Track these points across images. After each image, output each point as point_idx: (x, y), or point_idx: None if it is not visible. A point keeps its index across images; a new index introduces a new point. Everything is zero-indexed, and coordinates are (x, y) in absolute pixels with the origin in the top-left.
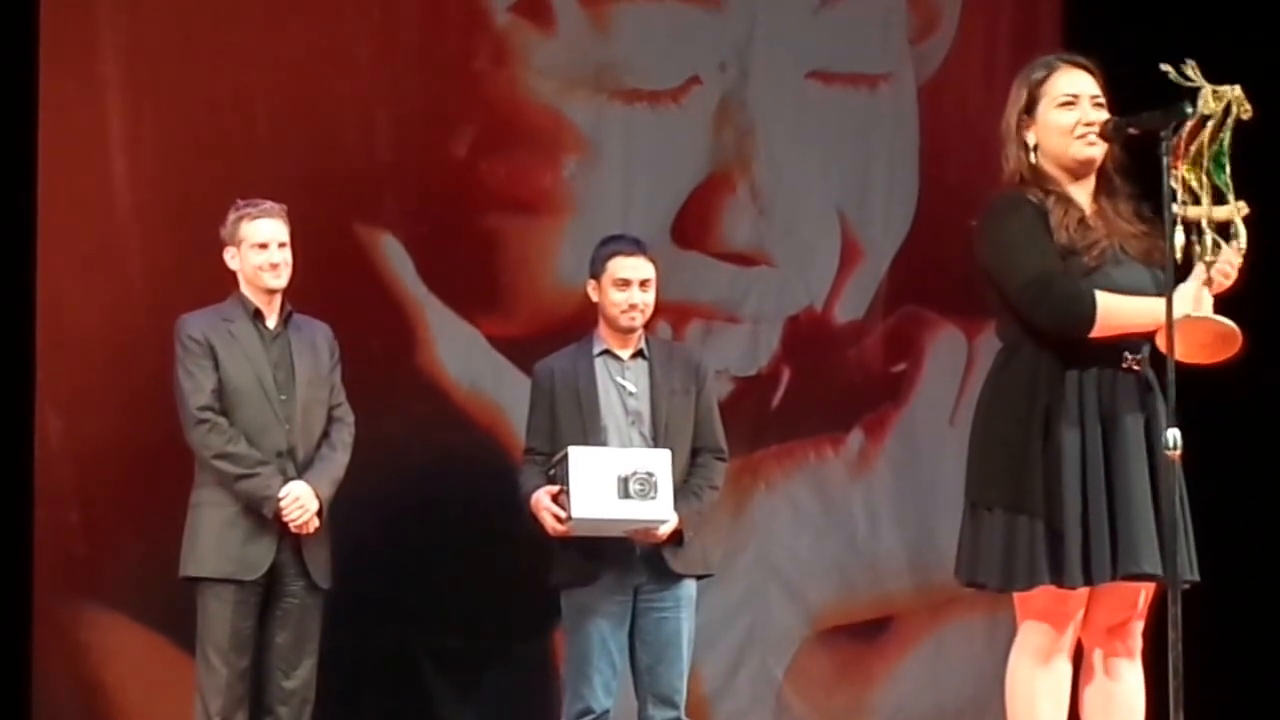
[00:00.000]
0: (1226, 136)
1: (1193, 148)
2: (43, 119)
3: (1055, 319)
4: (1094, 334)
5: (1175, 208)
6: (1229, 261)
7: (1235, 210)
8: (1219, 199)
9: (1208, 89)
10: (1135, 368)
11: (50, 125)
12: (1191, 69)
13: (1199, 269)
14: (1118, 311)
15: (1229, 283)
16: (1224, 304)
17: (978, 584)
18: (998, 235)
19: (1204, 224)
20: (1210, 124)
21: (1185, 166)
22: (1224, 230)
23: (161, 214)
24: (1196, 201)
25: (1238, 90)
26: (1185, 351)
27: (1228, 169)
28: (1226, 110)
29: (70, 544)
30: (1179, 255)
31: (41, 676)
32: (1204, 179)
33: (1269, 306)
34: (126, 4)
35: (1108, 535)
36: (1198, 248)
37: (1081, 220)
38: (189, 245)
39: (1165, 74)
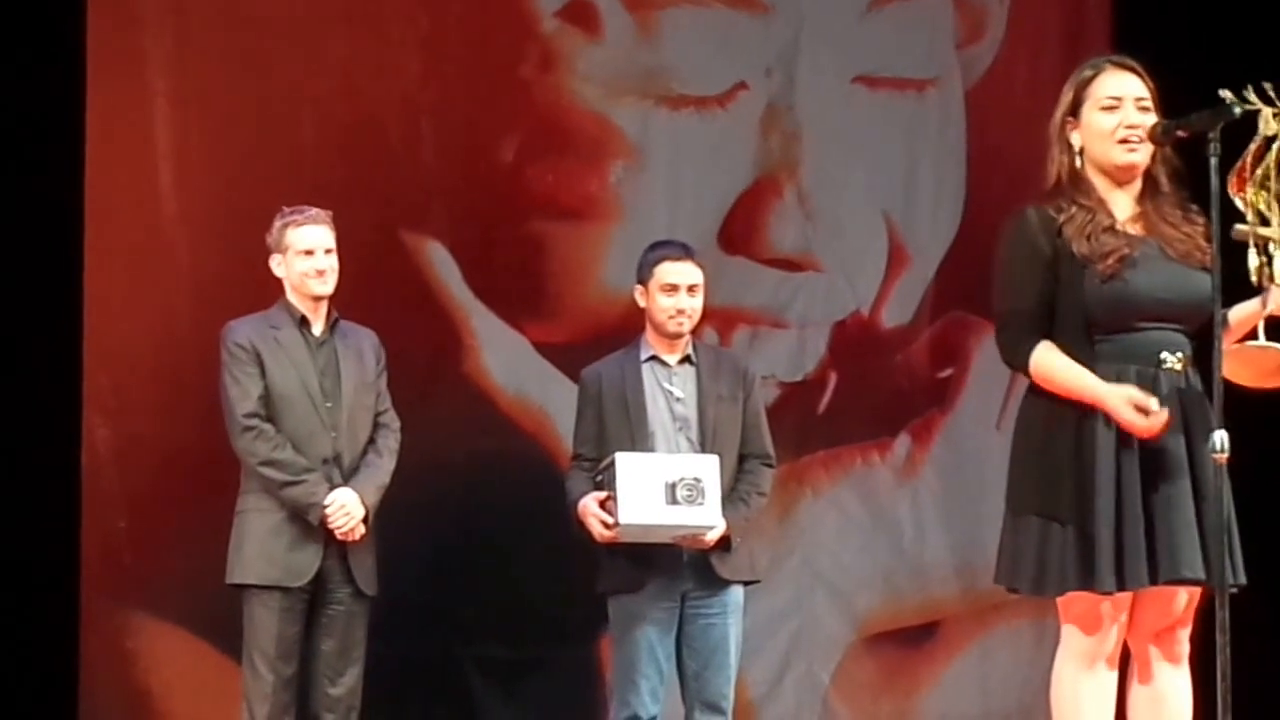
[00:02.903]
0: None
1: (1259, 170)
2: (90, 128)
3: (1004, 358)
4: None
5: (1242, 227)
6: None
7: None
8: None
9: (1268, 111)
10: (1176, 368)
11: (97, 134)
12: (1251, 93)
13: (1271, 293)
14: (1050, 374)
15: None
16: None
17: (1014, 589)
18: (999, 255)
19: (1271, 246)
20: (1276, 146)
21: (1252, 189)
22: None
23: (208, 222)
24: (1264, 223)
25: None
26: (1244, 376)
27: None
28: None
29: (117, 551)
30: (1254, 279)
31: (89, 683)
32: (1272, 201)
33: None
34: (173, 14)
35: (1144, 540)
36: (1267, 269)
37: (1110, 228)
38: (235, 253)
39: (1223, 94)
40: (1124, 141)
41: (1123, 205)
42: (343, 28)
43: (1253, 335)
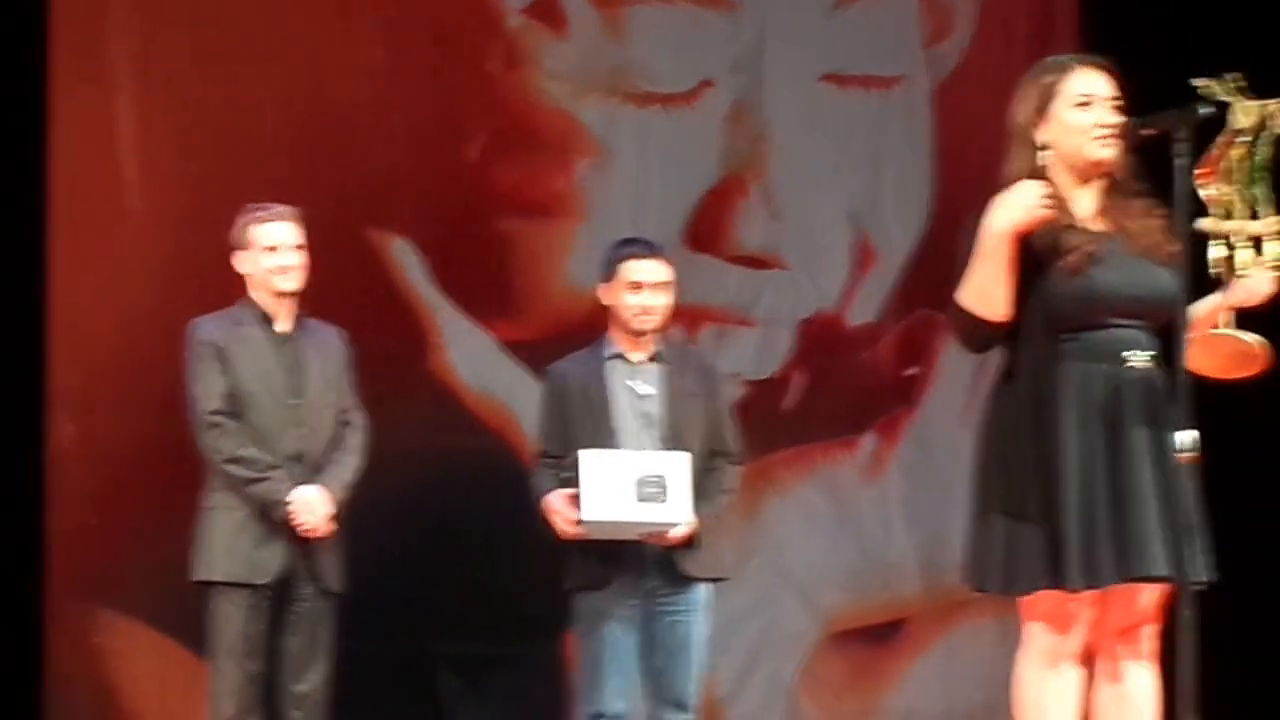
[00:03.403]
0: (1262, 151)
1: (1227, 163)
2: (53, 125)
3: (959, 341)
4: (982, 317)
5: (1206, 221)
6: (1256, 280)
7: (1269, 225)
8: (1253, 214)
9: (1240, 103)
10: (1141, 366)
11: (61, 130)
12: (1223, 83)
13: (1234, 285)
14: (966, 289)
15: (1257, 301)
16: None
17: (982, 588)
18: (961, 251)
19: (1235, 239)
20: (1245, 138)
21: (1219, 181)
22: (1258, 246)
23: (173, 219)
24: (1228, 216)
25: (1272, 105)
26: (1209, 366)
27: (1262, 183)
28: (1262, 124)
29: (84, 548)
30: (1214, 270)
31: (55, 681)
32: (1238, 193)
33: None
34: (137, 11)
35: (1111, 538)
36: (1229, 263)
37: (1071, 225)
38: (200, 250)
39: (1190, 83)
40: (1097, 138)
41: (1085, 203)
42: (308, 24)
43: (1217, 328)
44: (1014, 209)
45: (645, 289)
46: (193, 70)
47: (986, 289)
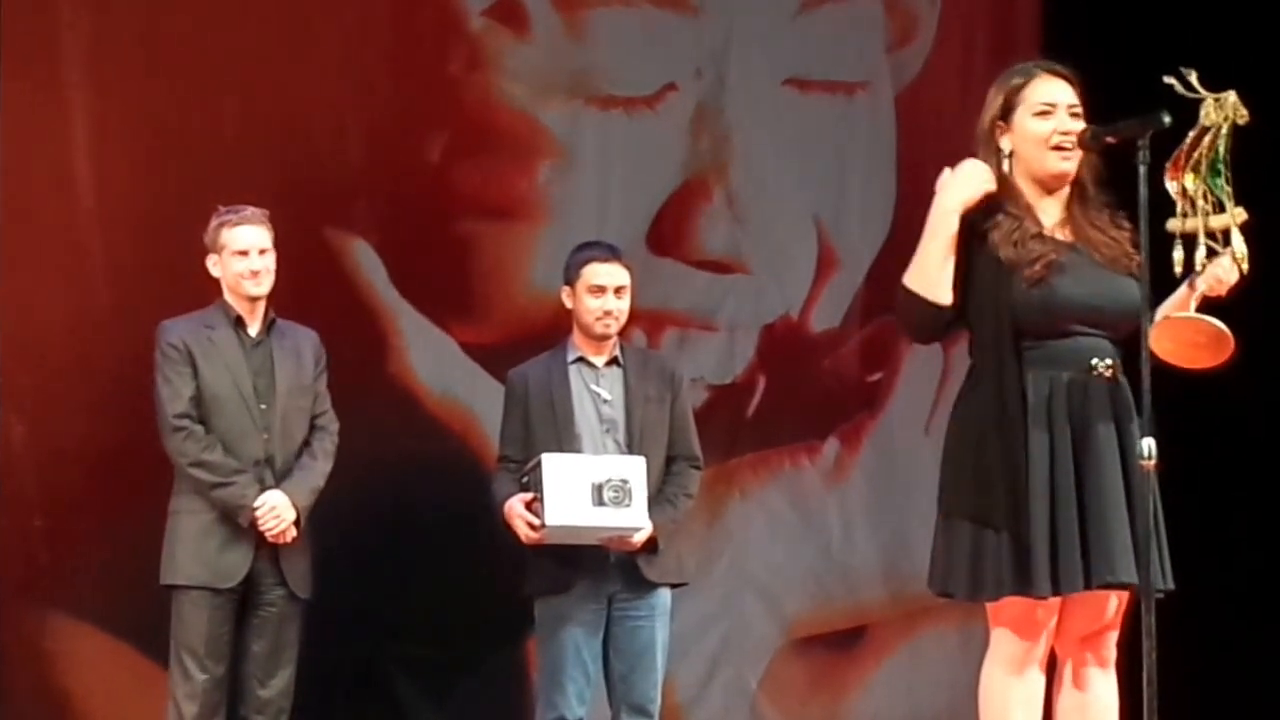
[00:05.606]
0: (1224, 144)
1: (1194, 157)
2: (4, 122)
3: (902, 329)
4: (927, 300)
5: (1173, 222)
6: (1223, 268)
7: (1233, 218)
8: (1218, 207)
9: (1210, 100)
10: (1106, 374)
11: (11, 128)
12: (1193, 79)
13: (1198, 276)
14: (911, 268)
15: (1223, 290)
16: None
17: (948, 594)
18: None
19: (1201, 234)
20: (1210, 136)
21: (1187, 175)
22: (1225, 238)
23: (125, 218)
24: (1195, 210)
25: (1233, 96)
26: (1172, 351)
27: (1224, 175)
28: (1226, 117)
29: (34, 551)
30: (1179, 270)
31: (7, 684)
32: (1204, 186)
33: (1249, 313)
34: (90, 8)
35: (1079, 545)
36: (1196, 257)
37: (1037, 235)
38: (153, 250)
39: (1163, 84)
40: (1058, 148)
41: (1050, 211)
42: (267, 23)
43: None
44: (964, 187)
45: (608, 292)
46: (147, 69)
47: (931, 270)
